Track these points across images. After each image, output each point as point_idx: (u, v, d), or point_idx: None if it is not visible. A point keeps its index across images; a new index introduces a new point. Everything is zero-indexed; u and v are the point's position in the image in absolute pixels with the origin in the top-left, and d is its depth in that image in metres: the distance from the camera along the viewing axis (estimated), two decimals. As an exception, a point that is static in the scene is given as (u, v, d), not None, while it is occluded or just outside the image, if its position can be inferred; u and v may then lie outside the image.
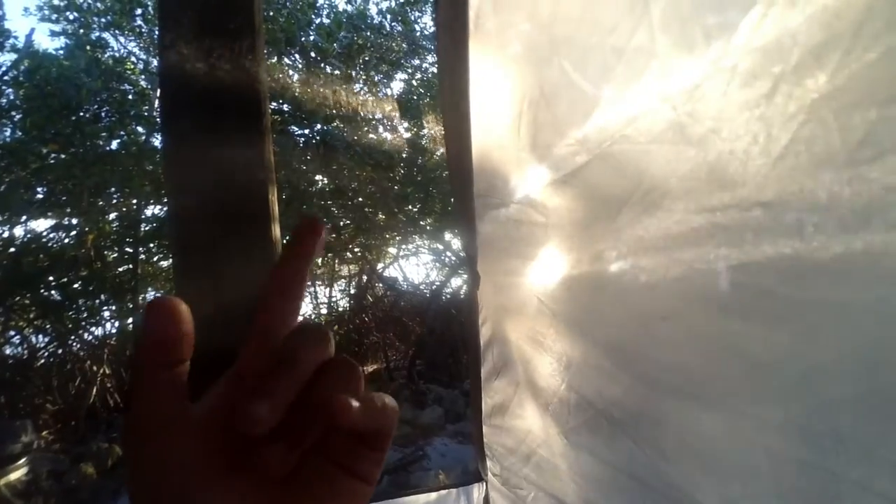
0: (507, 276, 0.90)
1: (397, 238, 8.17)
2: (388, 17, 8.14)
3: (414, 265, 11.74)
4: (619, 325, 0.67)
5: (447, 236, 7.84)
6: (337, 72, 7.44)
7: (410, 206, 7.43)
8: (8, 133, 6.26)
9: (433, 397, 6.16)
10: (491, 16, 0.56)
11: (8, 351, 5.93)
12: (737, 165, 0.42)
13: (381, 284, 8.88)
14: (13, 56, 6.47)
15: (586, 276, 0.69)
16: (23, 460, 3.17)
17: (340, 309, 8.55)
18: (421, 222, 7.59)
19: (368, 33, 7.85)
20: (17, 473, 3.10)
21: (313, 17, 7.33)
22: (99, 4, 6.88)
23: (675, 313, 0.55)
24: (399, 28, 8.14)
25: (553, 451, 1.11)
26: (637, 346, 0.66)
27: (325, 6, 7.66)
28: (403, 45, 8.29)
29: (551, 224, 0.70)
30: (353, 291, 8.85)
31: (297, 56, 7.30)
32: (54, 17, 6.85)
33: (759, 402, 0.48)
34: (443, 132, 0.80)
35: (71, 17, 6.93)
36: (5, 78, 6.44)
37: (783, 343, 0.44)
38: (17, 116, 6.22)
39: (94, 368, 5.88)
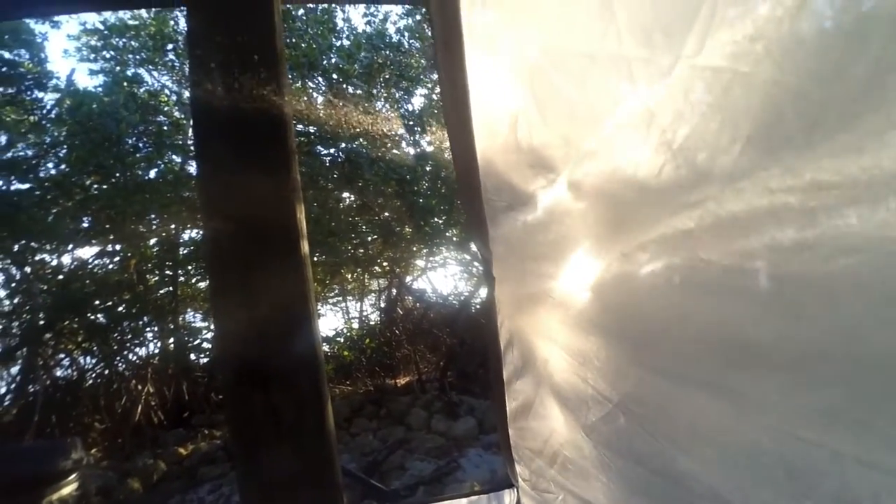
0: (523, 276, 0.92)
1: (424, 250, 8.22)
2: (406, 34, 8.30)
3: (442, 276, 11.80)
4: (631, 317, 0.68)
5: (473, 247, 7.83)
6: (359, 91, 7.62)
7: (436, 219, 7.48)
8: (53, 167, 6.62)
9: (466, 408, 6.12)
10: (481, 27, 0.59)
11: (58, 373, 6.23)
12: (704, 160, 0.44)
13: (410, 297, 8.93)
14: (56, 95, 6.89)
15: (599, 270, 0.71)
16: (73, 476, 3.31)
17: (372, 322, 8.64)
18: (447, 233, 7.63)
19: (388, 52, 8.02)
20: (68, 489, 3.24)
21: (334, 40, 7.55)
22: (133, 42, 7.27)
23: (685, 306, 0.56)
24: (417, 45, 8.29)
25: (577, 449, 1.11)
26: (648, 337, 0.67)
27: (345, 29, 7.88)
28: (422, 62, 8.44)
29: (558, 222, 0.73)
30: (383, 305, 8.94)
31: (319, 79, 7.52)
32: (92, 56, 7.26)
33: (759, 384, 0.49)
34: (448, 141, 0.85)
35: (107, 55, 7.33)
36: (50, 116, 6.86)
37: (774, 323, 0.45)
38: (62, 152, 6.59)
39: (139, 387, 6.11)
